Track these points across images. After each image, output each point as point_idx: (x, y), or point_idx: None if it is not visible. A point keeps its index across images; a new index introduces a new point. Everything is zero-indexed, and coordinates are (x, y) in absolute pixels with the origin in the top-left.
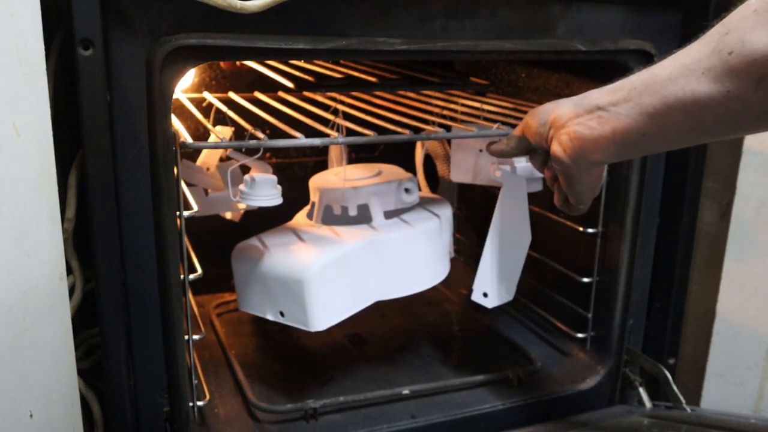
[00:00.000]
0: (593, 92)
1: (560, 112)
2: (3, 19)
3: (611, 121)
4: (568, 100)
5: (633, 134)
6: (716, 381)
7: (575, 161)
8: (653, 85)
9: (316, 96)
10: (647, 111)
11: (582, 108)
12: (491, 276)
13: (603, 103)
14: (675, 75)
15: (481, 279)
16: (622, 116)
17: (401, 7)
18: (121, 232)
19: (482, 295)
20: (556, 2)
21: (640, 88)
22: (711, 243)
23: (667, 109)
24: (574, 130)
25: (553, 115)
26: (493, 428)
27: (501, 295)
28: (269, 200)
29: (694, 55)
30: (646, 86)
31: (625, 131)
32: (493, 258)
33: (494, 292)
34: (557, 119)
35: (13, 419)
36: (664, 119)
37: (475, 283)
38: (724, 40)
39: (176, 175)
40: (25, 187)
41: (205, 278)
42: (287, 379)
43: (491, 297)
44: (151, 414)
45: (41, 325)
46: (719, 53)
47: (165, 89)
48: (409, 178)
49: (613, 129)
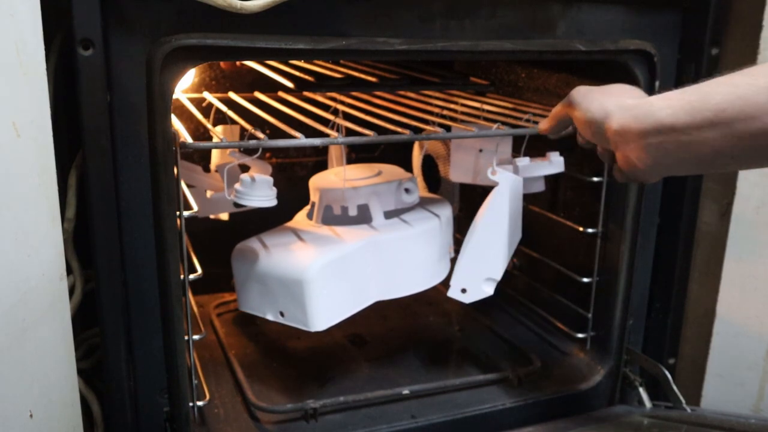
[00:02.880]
0: (653, 102)
1: (620, 124)
2: (3, 19)
3: (694, 146)
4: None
5: (721, 158)
6: (716, 381)
7: (650, 174)
8: (748, 109)
9: (316, 96)
10: (742, 138)
11: (648, 125)
12: (472, 271)
13: (680, 125)
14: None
15: (461, 274)
16: (708, 142)
17: (401, 7)
18: (121, 232)
19: (460, 291)
20: (556, 2)
21: (731, 112)
22: (711, 243)
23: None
24: (647, 153)
25: (612, 128)
26: (493, 428)
27: (481, 290)
28: (264, 201)
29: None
30: (740, 110)
31: (713, 156)
32: (475, 254)
33: (474, 287)
34: (620, 135)
35: (13, 419)
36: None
37: (453, 279)
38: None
39: (176, 175)
40: (25, 187)
41: (205, 278)
42: (287, 379)
43: (470, 292)
44: (151, 414)
45: (41, 325)
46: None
47: (165, 89)
48: (409, 178)
49: (697, 155)
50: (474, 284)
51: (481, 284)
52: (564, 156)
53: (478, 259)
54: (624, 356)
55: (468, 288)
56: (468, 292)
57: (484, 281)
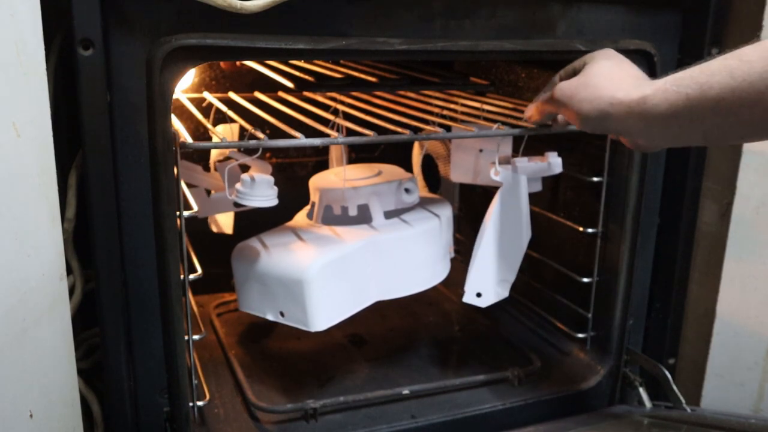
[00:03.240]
0: (649, 97)
1: (620, 123)
2: (3, 19)
3: (697, 130)
4: (611, 103)
5: (727, 135)
6: (716, 381)
7: (659, 147)
8: (746, 96)
9: (316, 96)
10: (742, 122)
11: (648, 121)
12: (486, 275)
13: (680, 119)
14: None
15: (475, 279)
16: (711, 129)
17: (401, 7)
18: (121, 232)
19: (476, 295)
20: (556, 2)
21: (730, 100)
22: (711, 243)
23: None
24: (651, 140)
25: (612, 127)
26: (493, 428)
27: (497, 293)
28: (265, 201)
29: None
30: (739, 99)
31: (719, 135)
32: (488, 257)
33: (490, 290)
34: (622, 131)
35: (13, 419)
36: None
37: (468, 284)
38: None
39: (176, 175)
40: (25, 187)
41: (205, 278)
42: (287, 379)
43: (486, 296)
44: (151, 414)
45: (41, 325)
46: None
47: (165, 89)
48: (409, 178)
49: (704, 134)
50: (488, 287)
51: (495, 286)
52: (563, 156)
53: (490, 262)
54: (624, 356)
55: (483, 292)
56: (483, 295)
57: (498, 283)
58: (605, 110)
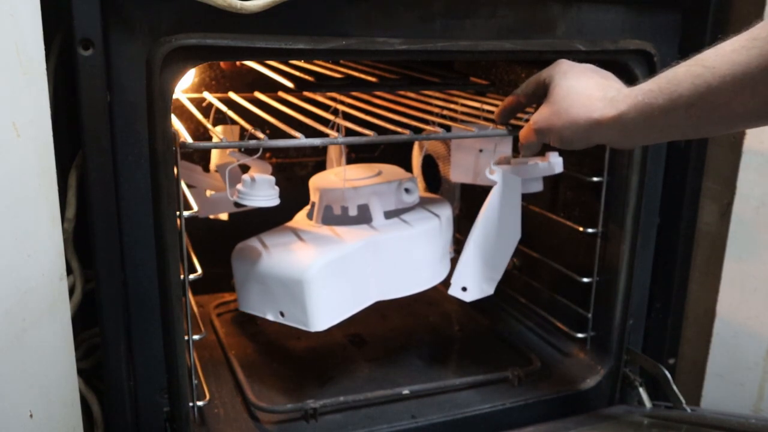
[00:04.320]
0: (623, 114)
1: (605, 141)
2: (3, 19)
3: (672, 130)
4: (590, 123)
5: (702, 130)
6: (716, 381)
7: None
8: (714, 99)
9: (316, 96)
10: (712, 121)
11: (629, 132)
12: (473, 270)
13: (654, 127)
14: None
15: (462, 273)
16: (685, 130)
17: (401, 7)
18: (121, 232)
19: (461, 289)
20: (556, 2)
21: (700, 105)
22: (711, 243)
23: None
24: (634, 143)
25: (597, 142)
26: (493, 428)
27: (482, 289)
28: (267, 201)
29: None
30: (708, 102)
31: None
32: (476, 253)
33: (475, 286)
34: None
35: (13, 419)
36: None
37: (455, 277)
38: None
39: (176, 175)
40: (25, 187)
41: (205, 278)
42: (287, 379)
43: (471, 291)
44: (151, 414)
45: (41, 325)
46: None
47: (165, 89)
48: (409, 178)
49: (681, 131)
50: (474, 283)
51: (481, 283)
52: (563, 156)
53: (478, 258)
54: (624, 356)
55: (468, 286)
56: (468, 290)
57: (485, 280)
58: (586, 132)
